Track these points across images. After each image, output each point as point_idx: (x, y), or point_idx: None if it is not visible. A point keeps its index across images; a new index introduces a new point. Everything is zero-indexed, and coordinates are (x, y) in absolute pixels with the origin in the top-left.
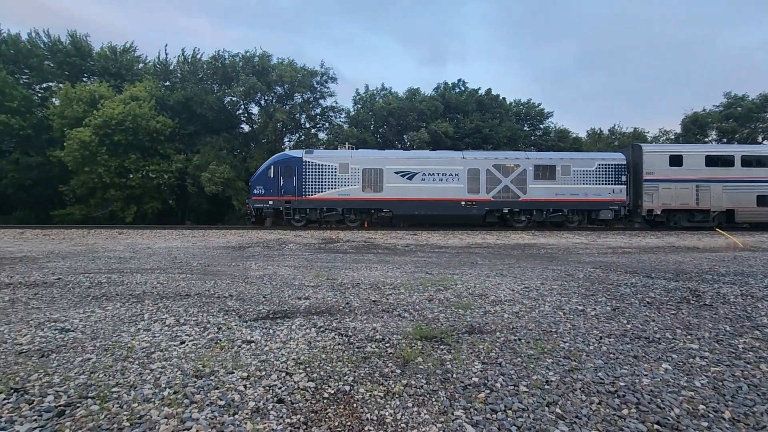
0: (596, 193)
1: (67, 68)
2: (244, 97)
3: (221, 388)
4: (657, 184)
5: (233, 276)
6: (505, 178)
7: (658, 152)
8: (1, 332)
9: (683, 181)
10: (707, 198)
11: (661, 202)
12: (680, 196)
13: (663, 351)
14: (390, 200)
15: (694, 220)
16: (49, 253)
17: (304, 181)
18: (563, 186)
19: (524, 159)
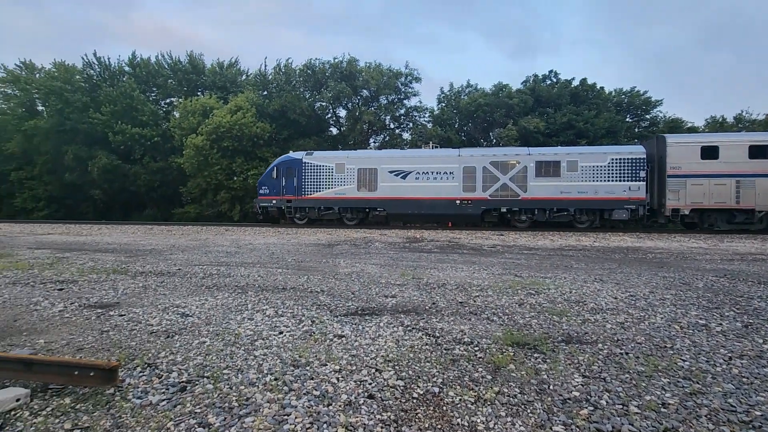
0: (608, 191)
1: (185, 84)
2: (332, 101)
3: (316, 378)
4: (685, 179)
5: (324, 272)
6: (503, 175)
7: (688, 143)
8: (137, 314)
9: (719, 175)
10: (751, 195)
11: (690, 200)
12: (715, 193)
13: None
14: (384, 199)
15: (734, 221)
16: (171, 246)
17: (303, 181)
18: (569, 183)
19: (525, 155)
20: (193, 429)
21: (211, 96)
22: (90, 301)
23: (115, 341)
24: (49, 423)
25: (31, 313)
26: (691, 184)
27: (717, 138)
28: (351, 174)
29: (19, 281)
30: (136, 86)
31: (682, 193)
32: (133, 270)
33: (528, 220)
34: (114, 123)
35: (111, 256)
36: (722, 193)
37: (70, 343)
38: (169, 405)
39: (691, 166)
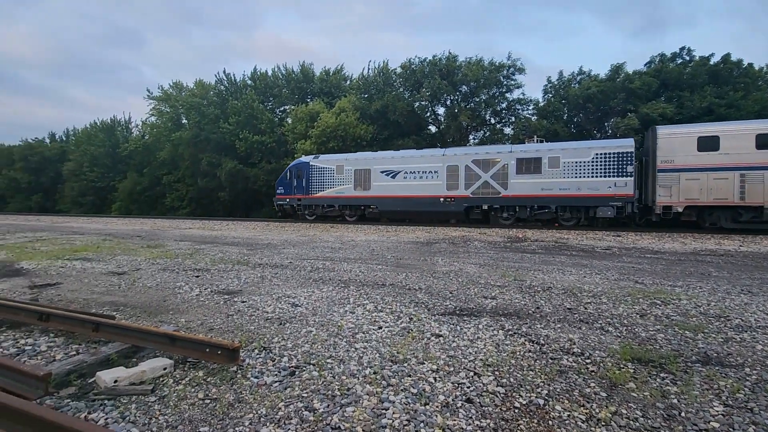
0: (592, 187)
1: (297, 92)
2: (430, 100)
3: (413, 376)
4: (678, 174)
5: (422, 270)
6: (484, 173)
7: (682, 134)
8: (256, 301)
9: (720, 169)
10: (759, 190)
11: (684, 196)
12: (715, 188)
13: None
14: (376, 197)
15: (740, 219)
16: (284, 241)
17: (310, 181)
18: (550, 180)
19: (506, 153)
20: (300, 412)
21: (318, 102)
22: (219, 288)
23: (238, 324)
24: (187, 391)
25: (175, 295)
26: (686, 179)
27: (717, 127)
28: (349, 175)
29: (168, 268)
30: (255, 97)
31: (675, 188)
32: (253, 262)
33: (510, 217)
34: (239, 132)
35: (236, 249)
36: (723, 189)
37: (203, 323)
38: (280, 387)
39: (687, 159)
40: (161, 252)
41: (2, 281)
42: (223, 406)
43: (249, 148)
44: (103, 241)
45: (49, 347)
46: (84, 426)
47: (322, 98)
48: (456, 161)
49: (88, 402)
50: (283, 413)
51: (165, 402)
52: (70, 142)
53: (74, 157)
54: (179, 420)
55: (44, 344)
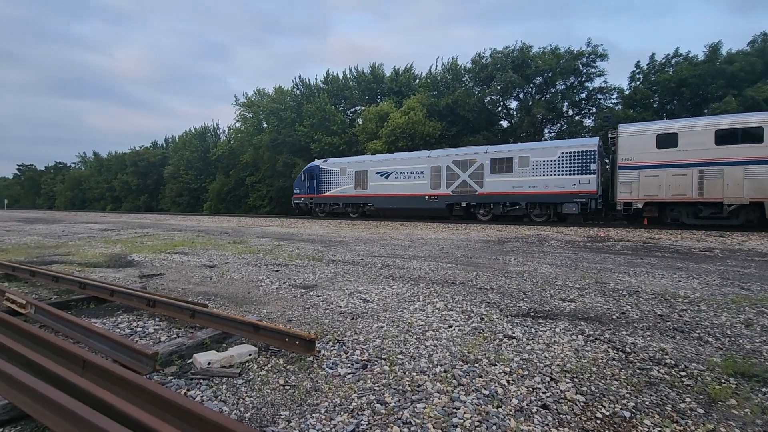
0: (558, 185)
1: (367, 93)
2: (502, 94)
3: (485, 377)
4: (638, 171)
5: (493, 269)
6: (463, 173)
7: (640, 132)
8: (330, 296)
9: (678, 165)
10: (718, 186)
11: (644, 193)
12: (673, 184)
13: None
14: (372, 196)
15: (700, 215)
16: (355, 238)
17: (319, 183)
18: (520, 178)
19: (482, 153)
20: (373, 404)
21: (387, 101)
22: (296, 282)
23: (313, 317)
24: (270, 377)
25: (258, 287)
26: (645, 176)
27: (676, 124)
28: (350, 176)
29: (251, 262)
30: (328, 100)
31: (635, 185)
32: (327, 258)
33: (486, 213)
34: (313, 134)
35: (311, 245)
36: (681, 185)
37: (282, 314)
38: (353, 379)
39: (646, 156)
40: (245, 247)
41: (118, 270)
42: (301, 392)
43: (322, 150)
44: (196, 237)
45: (155, 330)
46: (185, 401)
47: (392, 97)
48: (439, 162)
49: (187, 380)
50: (356, 404)
51: (250, 385)
52: (169, 149)
53: (172, 162)
54: (263, 402)
55: (151, 327)
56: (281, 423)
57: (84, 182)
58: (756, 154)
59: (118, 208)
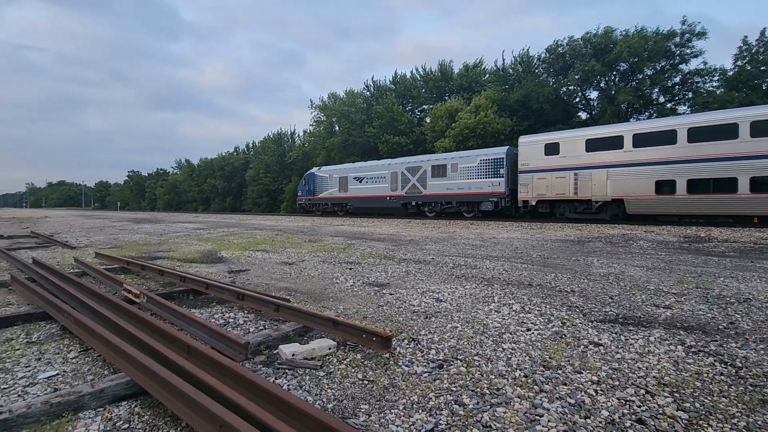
0: (478, 187)
1: (435, 92)
2: (580, 83)
3: (569, 385)
4: (532, 174)
5: (574, 271)
6: (413, 177)
7: (533, 142)
8: (402, 294)
9: (560, 169)
10: (587, 186)
11: (536, 192)
12: (556, 185)
13: None
14: (350, 197)
15: (578, 210)
16: (425, 238)
17: (315, 187)
18: (452, 181)
19: (426, 161)
20: (450, 404)
21: (457, 98)
22: (369, 280)
23: (387, 315)
24: (348, 370)
25: (334, 284)
26: (537, 178)
27: (559, 135)
28: (336, 181)
29: (326, 260)
30: (395, 100)
31: (530, 186)
32: (398, 257)
33: (431, 210)
34: (381, 134)
35: (382, 244)
36: (562, 185)
37: (358, 311)
38: (430, 378)
39: (537, 162)
40: (320, 246)
41: (211, 266)
42: (379, 388)
43: (390, 150)
44: (275, 236)
45: (244, 321)
46: (275, 388)
47: (462, 94)
48: (396, 169)
49: (274, 369)
50: (433, 403)
51: (331, 378)
52: (250, 153)
53: (253, 166)
54: (343, 395)
55: (241, 318)
56: (361, 416)
57: (179, 186)
58: (616, 158)
59: (207, 209)
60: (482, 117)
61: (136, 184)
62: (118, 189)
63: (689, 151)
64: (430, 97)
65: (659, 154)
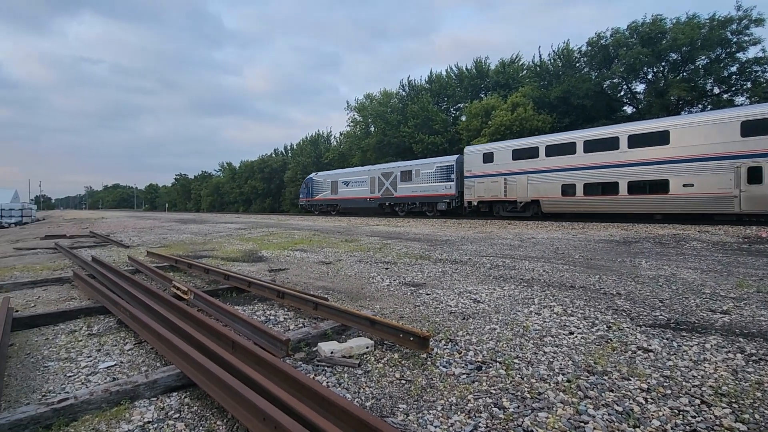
0: (435, 190)
1: (470, 90)
2: (625, 75)
3: (616, 392)
4: (474, 179)
5: (620, 273)
6: (387, 182)
7: (475, 152)
8: (439, 294)
9: (494, 175)
10: (514, 189)
11: (477, 194)
12: (491, 188)
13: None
14: (339, 199)
15: (508, 209)
16: (461, 237)
17: (312, 190)
18: (416, 185)
19: (396, 168)
20: (490, 407)
21: (493, 96)
22: (405, 280)
23: (424, 315)
24: (386, 369)
25: (370, 284)
26: (477, 183)
27: (493, 146)
28: (328, 185)
29: (362, 260)
30: (431, 99)
31: (473, 189)
32: (434, 257)
33: (401, 210)
34: (416, 134)
35: (417, 244)
36: (495, 189)
37: (394, 311)
38: (468, 379)
39: (478, 169)
40: (356, 246)
41: (252, 265)
42: (417, 388)
43: (424, 149)
44: (313, 236)
45: (284, 318)
46: (316, 385)
47: (498, 91)
48: (374, 174)
49: (314, 366)
50: (472, 405)
51: (369, 376)
52: (288, 155)
53: (291, 167)
54: (382, 394)
55: (281, 316)
56: (400, 415)
57: (221, 188)
58: (534, 166)
59: (248, 209)
60: (519, 113)
61: (182, 186)
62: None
63: (585, 160)
64: (465, 95)
65: (563, 162)
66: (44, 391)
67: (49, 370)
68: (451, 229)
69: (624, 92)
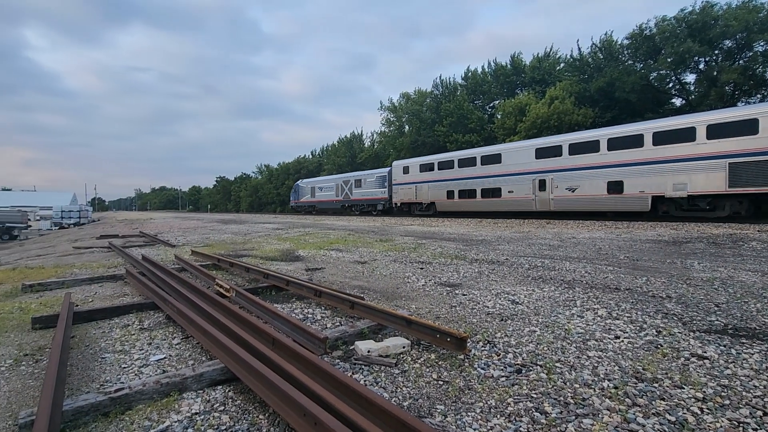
0: (375, 194)
1: (506, 86)
2: (674, 66)
3: (668, 400)
4: (398, 186)
5: (669, 275)
6: (346, 188)
7: (398, 165)
8: (476, 295)
9: (409, 183)
10: (421, 194)
11: (399, 198)
12: (407, 193)
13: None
14: (315, 201)
15: (418, 209)
16: (498, 237)
17: (298, 194)
18: (364, 190)
19: (352, 177)
20: (531, 412)
21: (528, 93)
22: (441, 280)
23: (460, 316)
24: (423, 370)
25: (405, 284)
26: (399, 189)
27: (410, 161)
28: (309, 190)
29: (397, 259)
30: (465, 97)
31: (397, 194)
32: (470, 257)
33: (357, 210)
34: (450, 133)
35: (452, 244)
36: (410, 194)
37: (430, 311)
38: (507, 382)
39: (399, 178)
40: (391, 245)
41: (289, 264)
42: (454, 389)
43: (458, 149)
44: (348, 236)
45: (321, 317)
46: (354, 383)
47: (534, 87)
48: (338, 182)
49: (351, 364)
50: (512, 409)
51: (406, 376)
52: (323, 156)
53: (326, 168)
54: (419, 394)
55: (318, 314)
56: (438, 416)
57: (259, 189)
58: (431, 177)
59: (284, 210)
60: (556, 107)
61: (223, 187)
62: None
63: (459, 173)
64: (501, 92)
65: (448, 175)
66: (102, 381)
67: (106, 361)
68: (487, 229)
69: (673, 84)
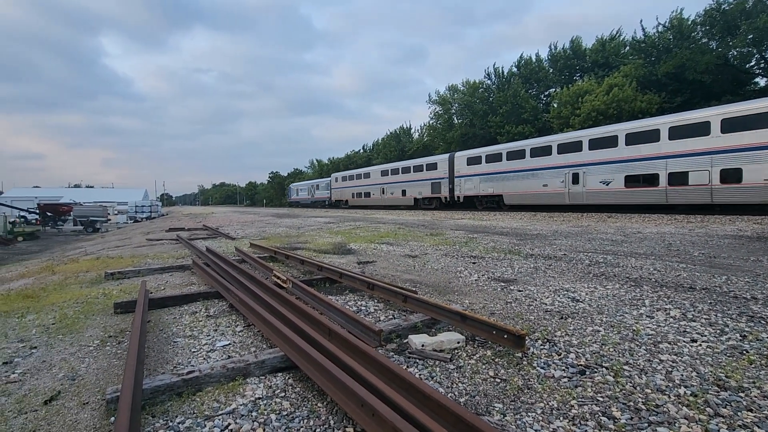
0: (324, 194)
1: (566, 72)
2: (756, 44)
3: (757, 412)
4: (335, 189)
5: (754, 273)
6: (314, 189)
7: (335, 176)
8: (532, 291)
9: (342, 188)
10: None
11: (335, 197)
12: (344, 194)
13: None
14: (300, 199)
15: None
16: (554, 231)
17: (291, 193)
18: (320, 191)
19: (316, 182)
20: (597, 416)
21: (587, 79)
22: (495, 275)
23: (517, 312)
24: (479, 366)
25: (457, 278)
26: (334, 190)
27: (345, 173)
28: (304, 190)
29: (448, 254)
30: (521, 85)
31: (336, 194)
32: (524, 252)
33: (324, 205)
34: (503, 124)
35: (506, 238)
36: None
37: (485, 307)
38: (570, 384)
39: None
40: (441, 239)
41: (341, 257)
42: (513, 388)
43: (510, 140)
44: (398, 229)
45: (375, 310)
46: (409, 376)
47: (596, 72)
48: (310, 185)
49: (405, 358)
50: (576, 412)
51: (461, 372)
52: (374, 151)
53: (376, 162)
54: (475, 391)
55: (372, 307)
56: (496, 415)
57: None
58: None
59: None
60: (615, 94)
61: (277, 183)
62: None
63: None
64: (558, 78)
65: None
66: (175, 363)
67: (178, 345)
68: (542, 223)
69: (755, 63)
